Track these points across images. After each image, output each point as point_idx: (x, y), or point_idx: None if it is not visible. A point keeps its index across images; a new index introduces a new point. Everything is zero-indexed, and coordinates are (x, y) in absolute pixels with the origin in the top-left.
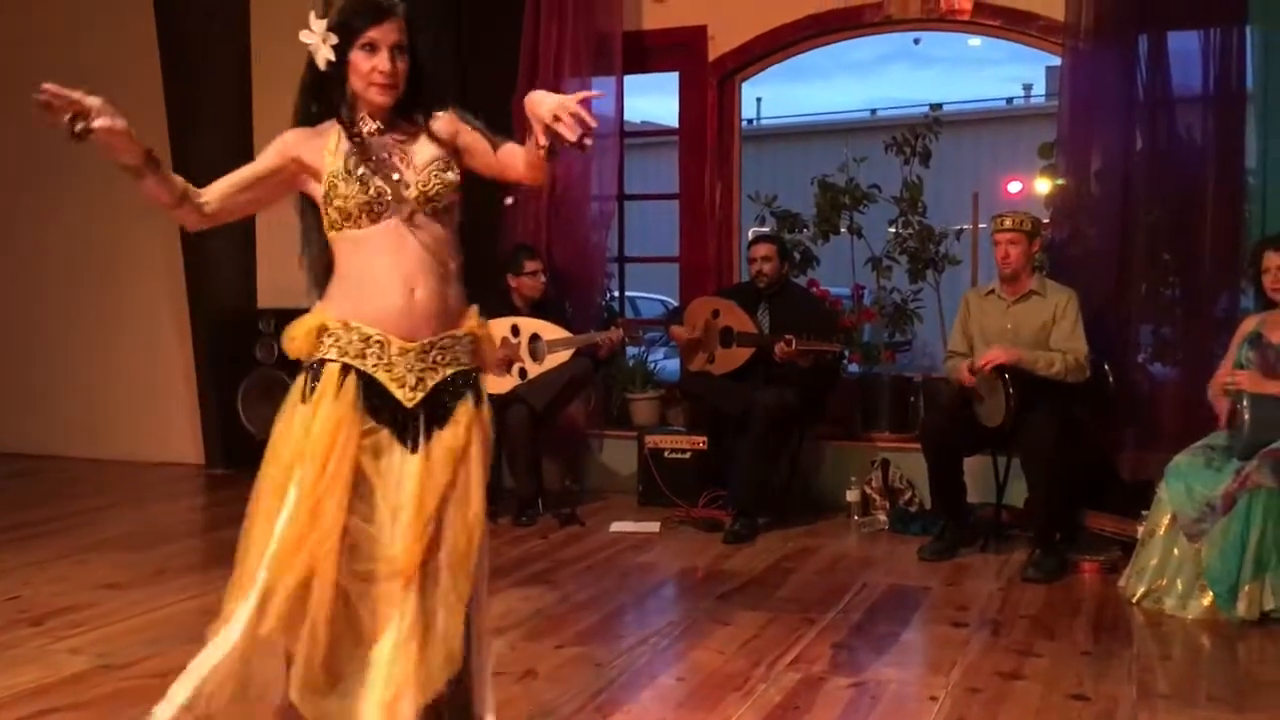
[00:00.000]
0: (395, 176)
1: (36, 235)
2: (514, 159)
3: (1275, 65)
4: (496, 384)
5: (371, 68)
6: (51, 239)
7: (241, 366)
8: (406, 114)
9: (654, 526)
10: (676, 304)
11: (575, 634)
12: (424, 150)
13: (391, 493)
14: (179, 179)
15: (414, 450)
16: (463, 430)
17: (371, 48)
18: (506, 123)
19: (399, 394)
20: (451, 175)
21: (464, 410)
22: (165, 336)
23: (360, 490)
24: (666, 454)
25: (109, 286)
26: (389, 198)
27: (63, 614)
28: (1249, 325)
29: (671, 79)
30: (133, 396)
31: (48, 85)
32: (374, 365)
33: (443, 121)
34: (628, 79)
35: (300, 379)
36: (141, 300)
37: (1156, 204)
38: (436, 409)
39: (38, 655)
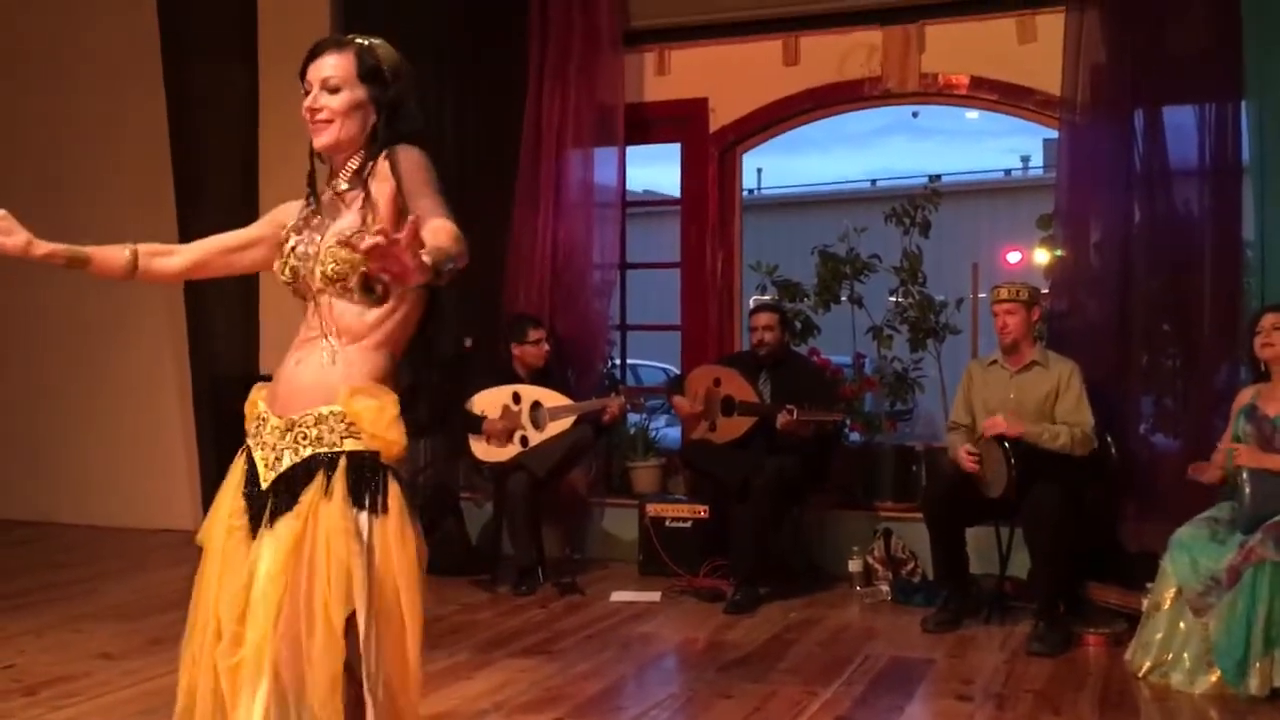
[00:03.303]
0: (312, 251)
1: (35, 298)
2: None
3: (1271, 139)
4: (498, 452)
5: (304, 108)
6: (51, 301)
7: (243, 433)
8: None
9: (655, 596)
10: (678, 372)
11: (575, 706)
12: (343, 219)
13: (243, 575)
14: (122, 253)
15: (254, 535)
16: (297, 522)
17: (309, 89)
18: (508, 194)
19: (261, 473)
20: (349, 251)
21: (308, 498)
22: (166, 401)
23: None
24: (668, 523)
25: (110, 351)
26: (300, 280)
27: (58, 683)
28: (1244, 398)
29: (673, 149)
30: (133, 462)
31: None
32: (255, 443)
33: (382, 172)
34: (630, 149)
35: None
36: (143, 365)
37: (1155, 276)
38: (288, 492)
39: None
